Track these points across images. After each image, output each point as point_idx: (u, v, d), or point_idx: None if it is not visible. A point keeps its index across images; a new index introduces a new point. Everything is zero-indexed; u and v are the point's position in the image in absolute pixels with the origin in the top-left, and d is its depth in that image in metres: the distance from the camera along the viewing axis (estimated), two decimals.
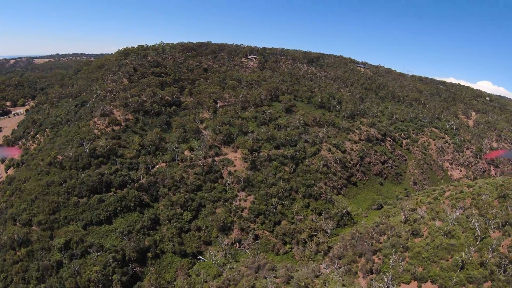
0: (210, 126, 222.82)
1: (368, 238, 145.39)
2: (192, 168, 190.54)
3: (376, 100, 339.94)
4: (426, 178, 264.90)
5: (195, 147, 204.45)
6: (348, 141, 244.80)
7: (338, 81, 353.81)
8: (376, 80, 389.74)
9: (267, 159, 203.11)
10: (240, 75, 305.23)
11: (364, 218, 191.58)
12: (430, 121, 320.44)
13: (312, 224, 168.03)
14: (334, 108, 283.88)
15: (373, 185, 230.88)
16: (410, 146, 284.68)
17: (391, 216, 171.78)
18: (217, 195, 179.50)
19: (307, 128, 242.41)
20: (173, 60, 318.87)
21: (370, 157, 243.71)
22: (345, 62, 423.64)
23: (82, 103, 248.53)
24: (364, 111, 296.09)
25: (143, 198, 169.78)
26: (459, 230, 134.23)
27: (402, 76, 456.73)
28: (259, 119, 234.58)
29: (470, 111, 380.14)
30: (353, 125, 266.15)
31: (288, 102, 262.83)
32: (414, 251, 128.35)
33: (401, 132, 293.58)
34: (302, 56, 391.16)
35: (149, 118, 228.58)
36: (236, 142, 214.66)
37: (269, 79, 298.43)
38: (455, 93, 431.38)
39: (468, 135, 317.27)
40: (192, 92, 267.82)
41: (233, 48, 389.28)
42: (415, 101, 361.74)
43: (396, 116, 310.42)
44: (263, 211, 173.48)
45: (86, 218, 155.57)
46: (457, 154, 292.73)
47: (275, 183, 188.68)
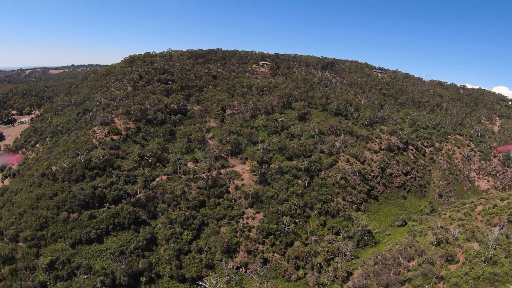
0: (217, 136, 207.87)
1: (395, 265, 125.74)
2: (195, 181, 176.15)
3: (396, 106, 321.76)
4: (452, 190, 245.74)
5: (200, 159, 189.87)
6: (367, 151, 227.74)
7: (354, 87, 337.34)
8: (394, 85, 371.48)
9: (278, 172, 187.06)
10: (251, 81, 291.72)
11: (387, 237, 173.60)
12: (453, 127, 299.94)
13: (329, 246, 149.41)
14: (352, 115, 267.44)
15: (395, 198, 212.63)
16: (434, 155, 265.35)
17: (418, 235, 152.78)
18: (222, 212, 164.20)
19: (323, 137, 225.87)
20: (181, 67, 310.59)
21: (391, 168, 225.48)
22: (361, 67, 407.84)
23: (84, 111, 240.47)
24: (384, 118, 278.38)
25: (140, 215, 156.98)
26: (501, 254, 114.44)
27: (420, 81, 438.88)
28: (270, 127, 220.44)
29: (494, 116, 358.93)
30: (373, 133, 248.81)
31: (301, 109, 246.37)
32: (450, 282, 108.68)
33: (423, 140, 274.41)
34: (316, 61, 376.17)
35: (151, 127, 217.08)
36: (244, 152, 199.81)
37: (281, 85, 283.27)
38: (477, 97, 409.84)
39: (494, 142, 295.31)
40: (199, 99, 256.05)
41: (244, 54, 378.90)
42: (436, 106, 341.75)
43: (418, 123, 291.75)
44: (273, 230, 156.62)
45: (75, 236, 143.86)
46: (484, 162, 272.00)
47: (287, 198, 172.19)
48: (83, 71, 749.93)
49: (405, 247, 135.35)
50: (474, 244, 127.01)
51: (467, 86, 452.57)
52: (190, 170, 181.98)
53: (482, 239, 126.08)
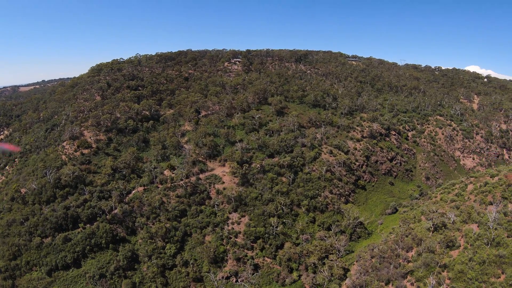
0: (192, 139, 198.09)
1: (393, 257, 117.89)
2: (173, 190, 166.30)
3: (374, 93, 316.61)
4: (438, 171, 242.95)
5: (176, 165, 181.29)
6: (350, 140, 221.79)
7: (330, 77, 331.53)
8: (370, 72, 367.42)
9: (260, 171, 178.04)
10: (224, 80, 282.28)
11: (379, 227, 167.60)
12: (433, 109, 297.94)
13: (321, 244, 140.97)
14: (330, 106, 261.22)
15: (383, 186, 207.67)
16: (416, 138, 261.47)
17: (411, 221, 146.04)
18: (205, 220, 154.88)
19: (303, 130, 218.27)
20: (151, 72, 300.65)
21: (376, 155, 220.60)
22: (335, 57, 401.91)
23: (52, 127, 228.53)
24: (363, 106, 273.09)
25: (117, 232, 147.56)
26: (503, 234, 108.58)
27: (395, 65, 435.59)
28: (248, 125, 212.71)
29: (472, 94, 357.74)
30: (353, 122, 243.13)
31: (278, 103, 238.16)
32: (455, 270, 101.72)
33: (405, 124, 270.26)
34: (289, 55, 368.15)
35: (123, 137, 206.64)
36: (223, 154, 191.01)
37: (256, 81, 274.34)
38: (453, 77, 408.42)
39: (475, 120, 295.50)
40: (171, 103, 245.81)
41: (215, 53, 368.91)
42: (414, 89, 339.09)
43: (397, 108, 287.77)
44: (261, 234, 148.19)
45: (51, 262, 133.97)
46: (467, 141, 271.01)
47: (272, 198, 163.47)
48: (54, 85, 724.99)
49: (401, 237, 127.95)
50: (473, 226, 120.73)
51: (442, 67, 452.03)
52: (167, 178, 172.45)
53: (480, 220, 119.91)
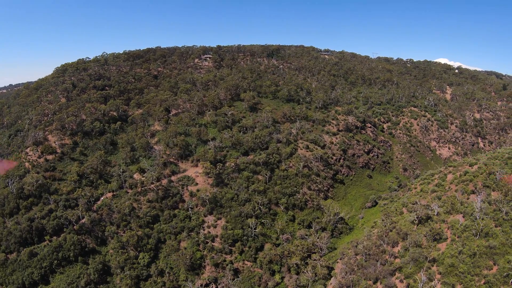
0: (163, 139, 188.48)
1: (379, 253, 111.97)
2: (144, 194, 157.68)
3: (347, 86, 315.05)
4: (415, 161, 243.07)
5: (146, 168, 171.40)
6: (326, 134, 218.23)
7: (303, 71, 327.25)
8: (343, 65, 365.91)
9: (235, 170, 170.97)
10: (194, 77, 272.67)
11: (360, 221, 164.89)
12: (407, 100, 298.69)
13: (303, 243, 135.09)
14: (304, 100, 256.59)
15: (361, 179, 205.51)
16: (392, 130, 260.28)
17: (393, 214, 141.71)
18: (179, 224, 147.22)
19: (277, 125, 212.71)
20: (118, 70, 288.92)
21: (353, 149, 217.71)
22: (307, 51, 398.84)
23: (15, 132, 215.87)
24: (337, 99, 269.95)
25: (86, 243, 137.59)
26: (491, 224, 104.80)
27: (368, 59, 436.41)
28: (220, 122, 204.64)
29: (444, 85, 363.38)
30: (328, 116, 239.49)
31: (251, 99, 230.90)
32: (445, 264, 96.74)
33: (380, 116, 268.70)
34: (261, 50, 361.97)
35: (90, 140, 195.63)
36: (195, 154, 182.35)
37: (227, 77, 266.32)
38: (425, 69, 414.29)
39: (449, 110, 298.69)
40: (140, 102, 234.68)
41: (185, 50, 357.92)
42: (387, 81, 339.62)
43: (372, 100, 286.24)
44: (239, 236, 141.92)
45: (17, 280, 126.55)
46: (443, 131, 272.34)
47: (249, 198, 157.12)
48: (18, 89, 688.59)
49: (386, 232, 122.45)
50: (458, 216, 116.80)
51: (413, 60, 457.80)
52: (137, 182, 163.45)
53: (465, 210, 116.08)
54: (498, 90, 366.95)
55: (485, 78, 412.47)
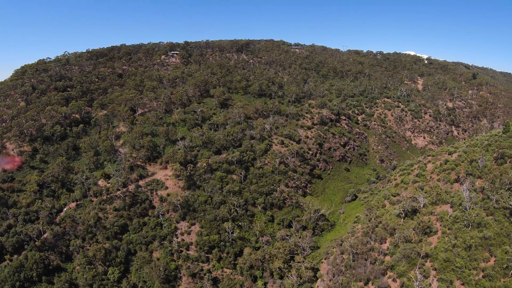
0: (128, 141, 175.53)
1: (367, 251, 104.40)
2: (110, 202, 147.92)
3: (320, 79, 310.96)
4: (392, 152, 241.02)
5: (111, 173, 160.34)
6: (300, 128, 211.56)
7: (274, 65, 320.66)
8: (314, 58, 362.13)
9: (207, 171, 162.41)
10: (161, 74, 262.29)
11: (341, 216, 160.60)
12: (380, 91, 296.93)
13: (285, 245, 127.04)
14: (276, 94, 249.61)
15: (339, 173, 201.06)
16: (367, 122, 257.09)
17: (375, 208, 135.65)
18: (149, 233, 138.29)
19: (250, 121, 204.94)
20: (80, 70, 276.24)
21: (329, 142, 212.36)
22: (277, 45, 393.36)
23: None
24: (310, 92, 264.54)
25: (50, 261, 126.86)
26: (482, 213, 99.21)
27: (338, 52, 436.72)
28: (189, 120, 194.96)
29: (415, 76, 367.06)
30: (302, 109, 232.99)
31: (221, 95, 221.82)
32: (439, 258, 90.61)
33: (354, 108, 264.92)
34: (230, 45, 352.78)
35: (50, 145, 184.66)
36: (164, 155, 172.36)
37: (196, 73, 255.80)
38: (395, 61, 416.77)
39: (422, 100, 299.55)
40: (103, 103, 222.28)
41: (151, 47, 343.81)
42: (359, 73, 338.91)
43: (345, 92, 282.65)
44: (216, 242, 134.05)
45: None
46: (417, 120, 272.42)
47: (223, 200, 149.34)
48: None
49: (371, 228, 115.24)
50: (445, 207, 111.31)
51: (383, 52, 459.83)
52: (102, 189, 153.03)
53: (453, 200, 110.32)
54: (468, 79, 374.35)
55: (454, 68, 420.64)
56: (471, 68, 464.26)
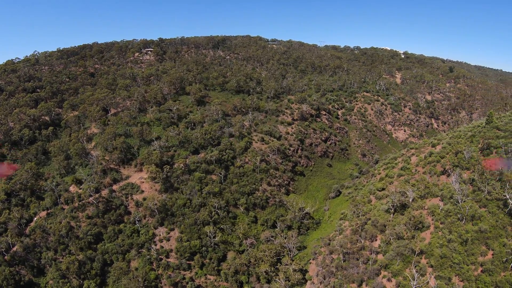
0: (100, 143, 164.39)
1: (358, 250, 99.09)
2: (82, 210, 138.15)
3: (298, 74, 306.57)
4: (373, 146, 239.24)
5: (83, 178, 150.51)
6: (281, 125, 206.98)
7: (251, 61, 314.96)
8: (291, 54, 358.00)
9: (185, 172, 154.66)
10: (134, 71, 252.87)
11: (326, 214, 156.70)
12: (359, 86, 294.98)
13: (270, 247, 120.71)
14: (255, 90, 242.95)
15: (321, 169, 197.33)
16: (347, 116, 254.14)
17: (360, 203, 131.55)
18: (126, 241, 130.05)
19: (228, 118, 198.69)
20: (51, 70, 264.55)
21: (310, 138, 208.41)
22: (254, 41, 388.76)
23: None
24: (289, 88, 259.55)
25: (21, 276, 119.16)
26: (475, 205, 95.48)
27: (315, 47, 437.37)
28: (165, 119, 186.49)
29: (393, 70, 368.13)
30: (281, 105, 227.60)
31: (198, 92, 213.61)
32: (435, 255, 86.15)
33: (334, 103, 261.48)
34: (206, 41, 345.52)
35: (18, 150, 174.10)
36: (138, 157, 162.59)
37: (171, 70, 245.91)
38: (372, 55, 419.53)
39: (401, 93, 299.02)
40: (74, 103, 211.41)
41: (124, 44, 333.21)
42: (337, 68, 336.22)
43: (324, 87, 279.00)
44: (197, 248, 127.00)
45: None
46: (397, 114, 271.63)
47: (203, 202, 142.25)
48: None
49: (361, 225, 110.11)
50: (434, 200, 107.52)
51: (360, 47, 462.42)
52: (73, 196, 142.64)
53: (442, 193, 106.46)
54: (446, 73, 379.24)
55: (431, 62, 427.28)
56: (446, 62, 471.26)
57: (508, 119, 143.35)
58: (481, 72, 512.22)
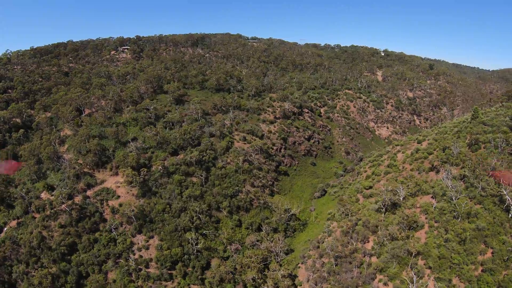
0: (73, 146, 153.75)
1: (349, 253, 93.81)
2: (55, 218, 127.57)
3: (279, 72, 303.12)
4: (356, 144, 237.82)
5: (56, 183, 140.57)
6: (263, 123, 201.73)
7: (231, 59, 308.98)
8: (272, 51, 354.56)
9: (163, 174, 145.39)
10: (110, 70, 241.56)
11: (312, 214, 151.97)
12: (340, 83, 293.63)
13: (257, 253, 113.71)
14: (235, 88, 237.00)
15: (305, 168, 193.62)
16: (330, 114, 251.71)
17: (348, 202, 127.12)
18: (102, 252, 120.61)
19: (209, 118, 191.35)
20: (23, 69, 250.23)
21: (293, 136, 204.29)
22: (234, 39, 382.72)
23: None
24: (270, 86, 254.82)
25: None
26: (470, 203, 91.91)
27: (296, 45, 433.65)
28: (142, 119, 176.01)
29: (374, 67, 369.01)
30: (263, 103, 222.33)
31: (176, 91, 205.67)
32: (433, 255, 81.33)
33: (316, 100, 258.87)
34: (185, 39, 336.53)
35: None
36: (114, 159, 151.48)
37: (148, 68, 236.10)
38: (353, 53, 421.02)
39: (383, 90, 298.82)
40: (47, 104, 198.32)
41: (100, 42, 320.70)
42: (318, 66, 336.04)
43: (305, 85, 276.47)
44: (178, 256, 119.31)
45: None
46: (379, 111, 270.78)
47: (184, 207, 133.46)
48: None
49: (351, 226, 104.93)
50: (426, 198, 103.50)
51: (341, 45, 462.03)
52: (45, 203, 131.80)
53: (434, 191, 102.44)
54: (426, 70, 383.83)
55: (411, 59, 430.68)
56: (425, 60, 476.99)
57: (493, 114, 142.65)
58: (459, 70, 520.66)
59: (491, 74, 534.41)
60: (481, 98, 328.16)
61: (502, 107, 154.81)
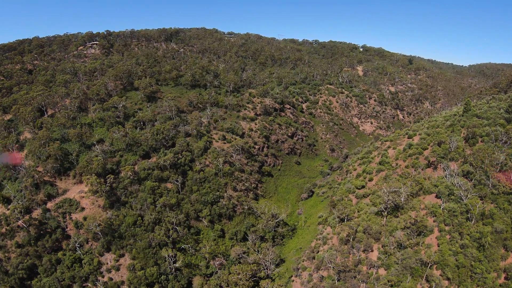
0: (32, 151, 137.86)
1: (353, 266, 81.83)
2: (11, 237, 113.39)
3: (258, 67, 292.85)
4: (341, 140, 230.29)
5: (12, 195, 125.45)
6: (243, 121, 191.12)
7: (207, 53, 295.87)
8: (250, 46, 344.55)
9: (134, 181, 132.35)
10: (76, 66, 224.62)
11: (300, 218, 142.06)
12: (321, 78, 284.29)
13: (245, 268, 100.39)
14: (212, 84, 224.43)
15: (290, 167, 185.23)
16: (312, 110, 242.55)
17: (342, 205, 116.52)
18: (66, 274, 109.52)
19: (184, 115, 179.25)
20: None
21: (276, 134, 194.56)
22: (210, 33, 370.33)
23: None
24: (249, 81, 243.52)
25: None
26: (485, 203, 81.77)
27: (274, 40, 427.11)
28: (109, 118, 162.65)
29: (354, 62, 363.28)
30: (242, 99, 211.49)
31: (148, 87, 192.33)
32: (451, 264, 70.31)
33: (297, 96, 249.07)
34: (158, 33, 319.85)
35: None
36: (77, 165, 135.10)
37: (118, 63, 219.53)
38: (332, 48, 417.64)
39: (365, 85, 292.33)
40: (5, 105, 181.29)
41: (67, 37, 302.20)
42: (298, 61, 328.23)
43: (286, 80, 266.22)
44: (155, 277, 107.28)
45: None
46: (363, 106, 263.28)
47: (158, 218, 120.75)
48: None
49: (352, 235, 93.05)
50: (429, 198, 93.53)
51: (319, 40, 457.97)
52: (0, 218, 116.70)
53: (440, 190, 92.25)
54: (406, 65, 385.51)
55: (390, 54, 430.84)
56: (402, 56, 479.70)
57: (486, 106, 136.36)
58: (434, 65, 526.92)
59: (469, 69, 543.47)
60: (461, 92, 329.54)
61: (493, 100, 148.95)
